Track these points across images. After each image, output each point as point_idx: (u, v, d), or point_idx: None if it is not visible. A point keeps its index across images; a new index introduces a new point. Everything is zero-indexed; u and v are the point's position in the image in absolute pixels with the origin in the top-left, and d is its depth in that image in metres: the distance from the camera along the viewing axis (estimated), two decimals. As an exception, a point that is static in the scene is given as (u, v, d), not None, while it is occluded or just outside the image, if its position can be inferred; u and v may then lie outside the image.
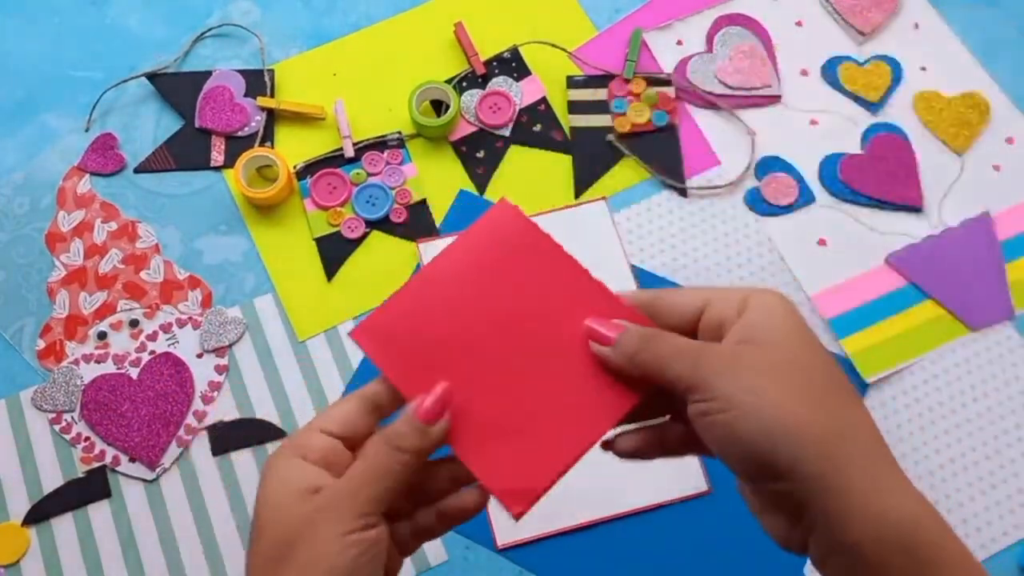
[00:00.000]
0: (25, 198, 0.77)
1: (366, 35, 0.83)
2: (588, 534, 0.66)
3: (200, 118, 0.79)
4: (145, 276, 0.74)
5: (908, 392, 0.71)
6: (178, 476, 0.69)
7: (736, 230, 0.76)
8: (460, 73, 0.80)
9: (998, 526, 0.67)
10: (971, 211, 0.76)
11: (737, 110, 0.80)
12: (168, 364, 0.71)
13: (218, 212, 0.77)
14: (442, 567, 0.66)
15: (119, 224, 0.76)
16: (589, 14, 0.84)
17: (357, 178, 0.77)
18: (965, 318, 0.72)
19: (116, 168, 0.78)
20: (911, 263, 0.74)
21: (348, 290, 0.74)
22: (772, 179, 0.77)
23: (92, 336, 0.73)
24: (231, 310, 0.73)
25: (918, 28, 0.83)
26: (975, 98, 0.79)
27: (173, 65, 0.82)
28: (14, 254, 0.76)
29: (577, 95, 0.80)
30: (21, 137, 0.80)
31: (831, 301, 0.73)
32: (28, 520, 0.68)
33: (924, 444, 0.69)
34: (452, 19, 0.82)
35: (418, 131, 0.78)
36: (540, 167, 0.78)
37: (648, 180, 0.78)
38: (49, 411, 0.70)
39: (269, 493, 0.37)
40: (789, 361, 0.34)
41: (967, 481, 0.68)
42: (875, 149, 0.78)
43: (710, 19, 0.83)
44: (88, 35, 0.84)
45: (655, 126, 0.79)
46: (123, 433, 0.69)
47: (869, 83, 0.80)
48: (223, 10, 0.84)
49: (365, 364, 0.71)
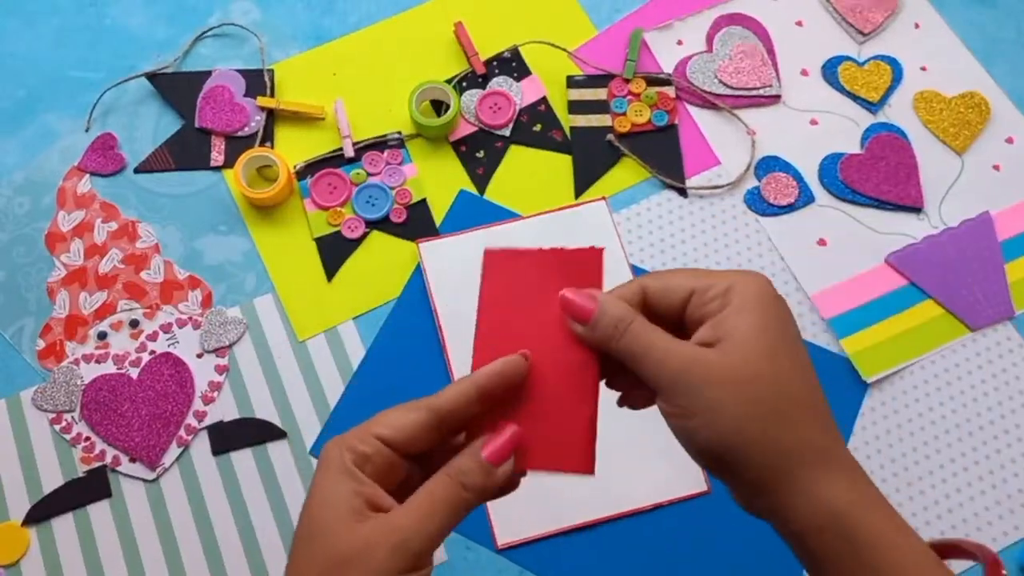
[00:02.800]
0: (25, 198, 0.77)
1: (366, 35, 0.83)
2: (588, 534, 0.66)
3: (200, 118, 0.79)
4: (145, 276, 0.74)
5: (908, 392, 0.71)
6: (178, 476, 0.69)
7: (736, 230, 0.76)
8: (460, 73, 0.80)
9: (998, 526, 0.67)
10: (971, 211, 0.76)
11: (737, 110, 0.80)
12: (168, 364, 0.71)
13: (218, 212, 0.77)
14: (442, 567, 0.66)
15: (119, 224, 0.76)
16: (589, 14, 0.84)
17: (357, 178, 0.77)
18: (965, 318, 0.72)
19: (116, 168, 0.78)
20: (911, 263, 0.74)
21: (348, 290, 0.74)
22: (772, 179, 0.77)
23: (92, 336, 0.73)
24: (231, 310, 0.73)
25: (918, 28, 0.83)
26: (975, 98, 0.79)
27: (173, 65, 0.82)
28: (14, 254, 0.76)
29: (577, 95, 0.80)
30: (21, 137, 0.80)
31: (831, 301, 0.73)
32: (28, 520, 0.68)
33: (924, 444, 0.69)
34: (452, 19, 0.82)
35: (418, 131, 0.78)
36: (540, 167, 0.78)
37: (648, 180, 0.78)
38: (49, 411, 0.70)
39: (330, 494, 0.36)
40: (751, 376, 0.36)
41: (967, 481, 0.68)
42: (875, 149, 0.78)
43: (710, 19, 0.83)
44: (88, 35, 0.84)
45: (655, 126, 0.79)
46: (123, 433, 0.69)
47: (869, 83, 0.80)
48: (223, 10, 0.84)
49: (365, 364, 0.71)
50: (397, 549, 0.35)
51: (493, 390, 0.39)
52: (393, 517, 0.36)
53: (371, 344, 0.72)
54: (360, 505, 0.36)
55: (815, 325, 0.72)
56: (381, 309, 0.73)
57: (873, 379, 0.70)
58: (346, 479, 0.36)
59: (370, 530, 0.35)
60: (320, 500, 0.36)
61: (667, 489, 0.67)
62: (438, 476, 0.37)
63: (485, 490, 0.37)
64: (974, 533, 0.66)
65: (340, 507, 0.36)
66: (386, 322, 0.73)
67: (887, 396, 0.70)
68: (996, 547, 0.66)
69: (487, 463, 0.38)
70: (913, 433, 0.69)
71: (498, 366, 0.39)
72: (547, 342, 0.40)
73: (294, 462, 0.69)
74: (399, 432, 0.38)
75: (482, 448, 0.38)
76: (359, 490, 0.36)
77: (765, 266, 0.74)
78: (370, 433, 0.37)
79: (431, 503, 0.36)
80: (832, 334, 0.72)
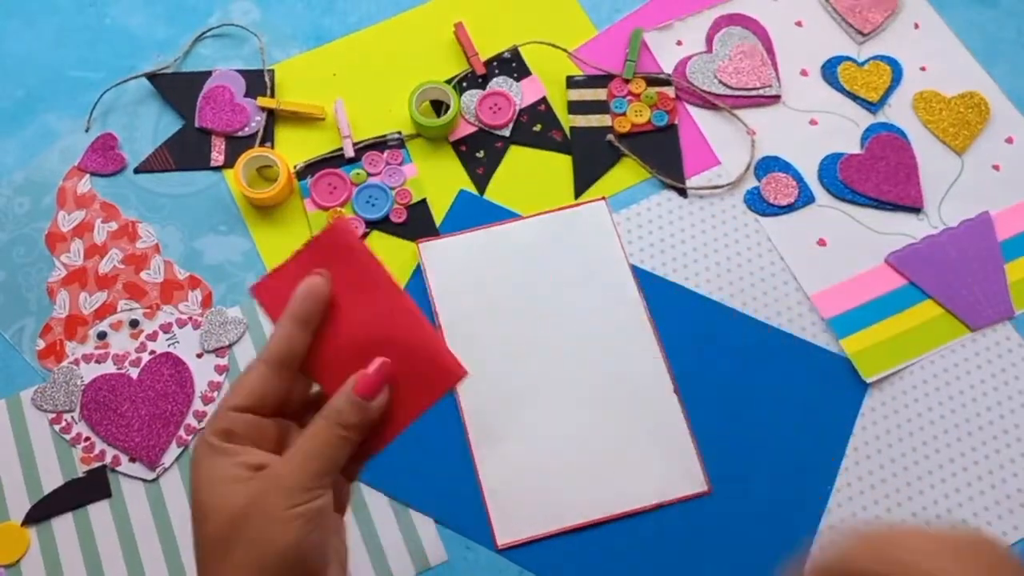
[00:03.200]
0: (25, 198, 0.77)
1: (366, 35, 0.83)
2: (588, 534, 0.66)
3: (200, 118, 0.79)
4: (145, 276, 0.75)
5: (908, 392, 0.71)
6: (178, 476, 0.69)
7: (736, 230, 0.76)
8: (460, 73, 0.80)
9: (998, 526, 0.67)
10: (971, 211, 0.76)
11: (737, 110, 0.80)
12: (168, 364, 0.72)
13: (218, 212, 0.77)
14: (442, 567, 0.66)
15: (119, 224, 0.76)
16: (589, 14, 0.84)
17: (357, 178, 0.77)
18: (965, 318, 0.72)
19: (116, 168, 0.78)
20: (911, 263, 0.74)
21: (348, 290, 0.74)
22: (772, 179, 0.77)
23: (92, 336, 0.73)
24: (231, 310, 0.73)
25: (918, 28, 0.83)
26: (975, 98, 0.79)
27: (173, 65, 0.82)
28: (14, 254, 0.76)
29: (577, 95, 0.80)
30: (21, 137, 0.80)
31: (831, 301, 0.73)
32: (28, 520, 0.68)
33: (924, 444, 0.69)
34: (452, 19, 0.82)
35: (418, 131, 0.78)
36: (540, 167, 0.78)
37: (648, 180, 0.78)
38: (49, 411, 0.70)
39: (205, 478, 0.37)
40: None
41: (967, 481, 0.68)
42: (875, 149, 0.78)
43: (710, 19, 0.83)
44: (88, 35, 0.84)
45: (655, 126, 0.79)
46: (123, 433, 0.69)
47: (869, 83, 0.80)
48: (223, 10, 0.84)
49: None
50: (289, 491, 0.36)
51: (306, 314, 0.40)
52: (275, 466, 0.37)
53: (371, 344, 0.72)
54: (240, 472, 0.37)
55: (815, 325, 0.72)
56: (381, 309, 0.73)
57: (873, 379, 0.70)
58: (217, 457, 0.37)
59: (256, 486, 0.36)
60: (201, 484, 0.37)
61: (667, 489, 0.67)
62: (315, 421, 0.39)
63: (362, 426, 0.39)
64: (974, 533, 0.66)
65: (223, 481, 0.37)
66: (386, 322, 0.73)
67: (887, 396, 0.70)
68: (996, 547, 0.66)
69: (359, 399, 0.39)
70: (913, 433, 0.69)
71: (300, 289, 0.40)
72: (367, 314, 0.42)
73: (294, 462, 0.69)
74: (248, 395, 0.39)
75: (354, 386, 0.39)
76: (234, 460, 0.37)
77: (765, 266, 0.74)
78: (223, 409, 0.39)
79: (311, 446, 0.38)
80: (832, 334, 0.72)
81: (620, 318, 0.71)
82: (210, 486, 0.37)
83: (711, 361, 0.71)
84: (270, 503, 0.36)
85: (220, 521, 0.36)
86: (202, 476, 0.38)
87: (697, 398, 0.69)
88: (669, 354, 0.71)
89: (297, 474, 0.37)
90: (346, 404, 0.39)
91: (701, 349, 0.71)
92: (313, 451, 0.38)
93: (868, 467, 0.68)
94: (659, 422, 0.69)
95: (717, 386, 0.70)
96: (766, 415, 0.69)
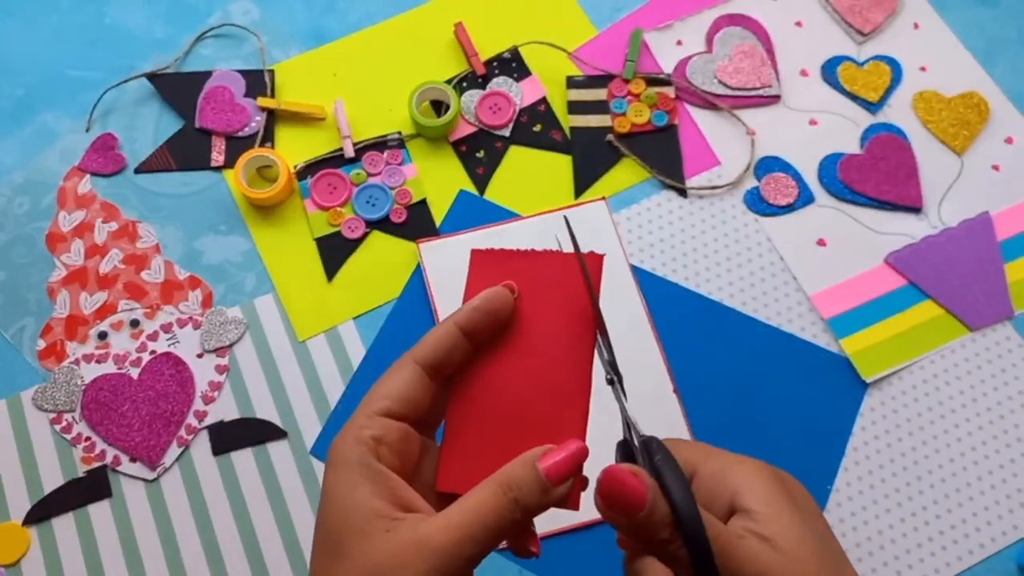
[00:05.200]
0: (25, 198, 0.77)
1: (366, 35, 0.83)
2: (588, 534, 0.66)
3: (200, 118, 0.79)
4: (145, 276, 0.75)
5: (908, 392, 0.71)
6: (179, 476, 0.69)
7: (736, 230, 0.76)
8: (460, 73, 0.80)
9: (998, 526, 0.67)
10: (971, 211, 0.76)
11: (737, 110, 0.80)
12: (169, 364, 0.72)
13: (218, 212, 0.77)
14: (442, 567, 0.66)
15: (119, 224, 0.76)
16: (589, 14, 0.84)
17: (357, 178, 0.77)
18: (965, 318, 0.72)
19: (116, 168, 0.78)
20: (911, 263, 0.74)
21: (348, 290, 0.74)
22: (772, 179, 0.77)
23: (92, 336, 0.73)
24: (231, 310, 0.73)
25: (918, 28, 0.83)
26: (975, 98, 0.79)
27: (173, 65, 0.82)
28: (14, 254, 0.76)
29: (577, 95, 0.80)
30: (21, 137, 0.80)
31: (831, 301, 0.73)
32: (28, 520, 0.68)
33: (924, 444, 0.69)
34: (452, 19, 0.82)
35: (418, 131, 0.78)
36: (540, 167, 0.78)
37: (648, 180, 0.78)
38: (50, 411, 0.71)
39: (343, 511, 0.32)
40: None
41: (966, 481, 0.68)
42: (875, 149, 0.78)
43: (710, 19, 0.83)
44: (88, 35, 0.84)
45: (655, 126, 0.79)
46: (124, 433, 0.69)
47: (869, 83, 0.80)
48: (223, 10, 0.84)
49: (365, 364, 0.71)
50: (434, 570, 0.30)
51: (476, 327, 0.35)
52: (428, 533, 0.31)
53: (371, 344, 0.72)
54: (384, 507, 0.31)
55: (815, 325, 0.72)
56: (381, 309, 0.73)
57: (873, 379, 0.70)
58: (362, 479, 0.32)
59: (401, 545, 0.31)
60: (338, 508, 0.32)
61: (667, 489, 0.67)
62: (486, 485, 0.32)
63: (538, 510, 0.32)
64: (973, 533, 0.67)
65: (362, 515, 0.31)
66: (386, 322, 0.73)
67: (887, 396, 0.70)
68: (995, 547, 0.66)
69: (545, 479, 0.32)
70: (913, 433, 0.69)
71: (478, 300, 0.35)
72: (538, 344, 0.37)
73: (295, 462, 0.69)
74: (400, 399, 0.33)
75: (540, 460, 0.32)
76: (380, 489, 0.32)
77: (764, 266, 0.75)
78: (372, 412, 0.33)
79: (475, 517, 0.31)
80: (832, 334, 0.72)
81: (620, 318, 0.71)
82: (348, 516, 0.31)
83: (711, 361, 0.71)
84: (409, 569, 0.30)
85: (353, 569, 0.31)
86: (342, 495, 0.32)
87: (697, 398, 0.69)
88: (669, 354, 0.71)
89: (450, 551, 0.30)
90: (532, 480, 0.32)
91: (701, 349, 0.71)
92: (475, 528, 0.31)
93: (868, 467, 0.68)
94: (659, 422, 0.69)
95: (717, 386, 0.70)
96: (766, 415, 0.69)
